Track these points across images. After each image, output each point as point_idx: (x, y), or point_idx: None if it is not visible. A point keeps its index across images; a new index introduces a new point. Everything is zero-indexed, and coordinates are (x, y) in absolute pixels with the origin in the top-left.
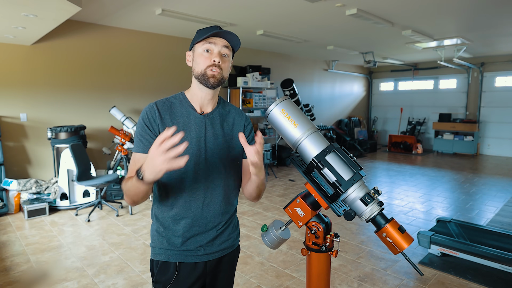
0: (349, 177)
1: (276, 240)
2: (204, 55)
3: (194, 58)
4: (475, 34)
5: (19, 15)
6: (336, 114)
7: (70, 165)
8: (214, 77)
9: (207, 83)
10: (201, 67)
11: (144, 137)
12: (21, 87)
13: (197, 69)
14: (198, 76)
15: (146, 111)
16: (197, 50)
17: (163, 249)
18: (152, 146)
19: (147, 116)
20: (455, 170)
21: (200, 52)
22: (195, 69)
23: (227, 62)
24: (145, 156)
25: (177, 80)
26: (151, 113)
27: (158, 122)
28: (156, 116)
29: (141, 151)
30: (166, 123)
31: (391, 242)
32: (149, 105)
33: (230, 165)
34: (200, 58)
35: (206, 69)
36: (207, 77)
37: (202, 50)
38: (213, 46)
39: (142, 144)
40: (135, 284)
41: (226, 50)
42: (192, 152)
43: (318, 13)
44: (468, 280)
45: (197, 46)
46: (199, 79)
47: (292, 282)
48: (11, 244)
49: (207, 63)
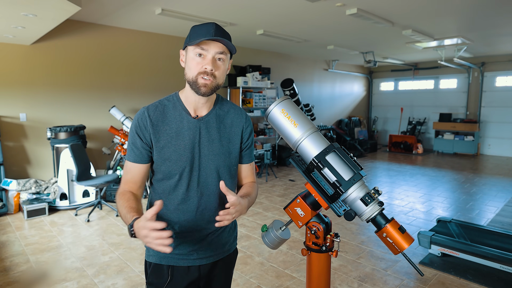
0: (349, 177)
1: (276, 240)
2: (196, 59)
3: (186, 60)
4: (476, 34)
5: (18, 15)
6: (336, 114)
7: (70, 165)
8: (206, 86)
9: (198, 91)
10: (193, 73)
11: (136, 146)
12: (20, 87)
13: (188, 74)
14: (189, 82)
15: (137, 118)
16: (189, 53)
17: (156, 251)
18: (143, 224)
19: (138, 124)
20: (456, 170)
21: (192, 56)
22: (187, 74)
23: (221, 68)
24: (136, 166)
25: (177, 80)
26: (142, 121)
27: (149, 130)
28: (147, 124)
29: (132, 161)
30: (158, 130)
31: (392, 242)
32: (141, 112)
33: (226, 170)
34: (191, 63)
35: (197, 76)
36: (198, 86)
37: (194, 54)
38: (205, 52)
39: (134, 153)
40: (135, 284)
41: (221, 55)
42: (186, 159)
43: (318, 13)
44: (468, 280)
45: (189, 48)
46: (191, 85)
47: (292, 282)
48: (10, 244)
49: (198, 69)
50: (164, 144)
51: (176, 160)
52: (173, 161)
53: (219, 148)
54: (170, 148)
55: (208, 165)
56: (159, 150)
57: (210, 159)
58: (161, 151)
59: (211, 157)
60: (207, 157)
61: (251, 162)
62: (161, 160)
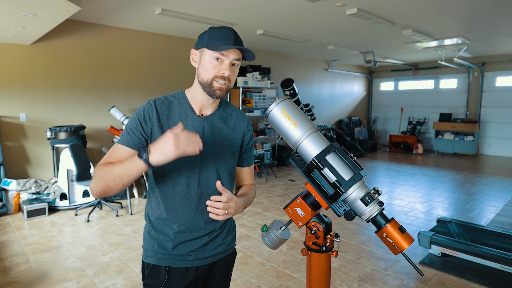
0: (349, 177)
1: (276, 240)
2: (213, 63)
3: (201, 61)
4: (476, 33)
5: (18, 15)
6: (336, 114)
7: (70, 165)
8: (221, 90)
9: (212, 94)
10: (209, 76)
11: (134, 132)
12: (20, 86)
13: (203, 75)
14: (203, 84)
15: (144, 108)
16: (206, 55)
17: (154, 252)
18: (173, 130)
19: (144, 113)
20: (456, 170)
21: (209, 59)
22: (200, 75)
23: (235, 72)
24: (128, 150)
25: (177, 80)
26: (149, 112)
27: (154, 121)
28: (153, 115)
29: (126, 144)
30: (162, 124)
31: (392, 242)
32: (148, 103)
33: (226, 171)
34: (208, 65)
35: (213, 79)
36: (214, 89)
37: (212, 57)
38: (224, 57)
39: (130, 137)
40: (135, 284)
41: (237, 62)
42: (187, 157)
43: (318, 13)
44: (468, 280)
45: (207, 51)
46: (204, 87)
47: (292, 283)
48: (10, 244)
49: (215, 73)
50: None
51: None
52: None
53: (221, 148)
54: None
55: (209, 164)
56: None
57: (211, 158)
58: None
59: (213, 157)
60: (209, 157)
61: (250, 166)
62: None
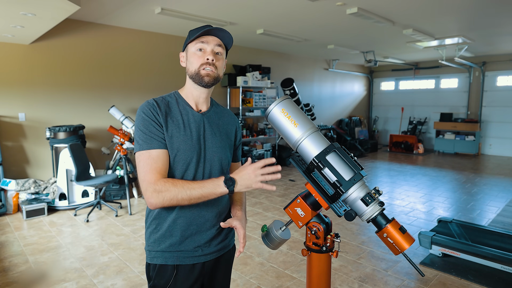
0: (349, 177)
1: (276, 241)
2: (197, 54)
3: (187, 58)
4: (477, 33)
5: (17, 14)
6: (337, 114)
7: (69, 165)
8: (209, 76)
9: (201, 82)
10: (195, 66)
11: (155, 133)
12: (19, 86)
13: (191, 68)
14: (192, 76)
15: (148, 107)
16: (190, 49)
17: (160, 251)
18: (254, 166)
19: (151, 112)
20: (457, 170)
21: (193, 52)
22: (189, 69)
23: (221, 61)
24: (164, 152)
25: (177, 80)
26: (154, 109)
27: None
28: (158, 112)
29: (157, 147)
30: (166, 120)
31: (392, 243)
32: (149, 103)
33: (226, 163)
34: (193, 57)
35: (199, 67)
36: (201, 76)
37: (195, 49)
38: (205, 45)
39: (156, 140)
40: (134, 284)
41: (219, 49)
42: (194, 150)
43: (318, 12)
44: (469, 280)
45: (190, 46)
46: (194, 78)
47: (293, 283)
48: (9, 244)
49: (200, 62)
50: (172, 133)
51: (185, 150)
52: (182, 151)
53: (220, 142)
54: (179, 138)
55: (213, 157)
56: (168, 139)
57: (214, 151)
58: (170, 141)
59: (215, 149)
60: (211, 149)
61: (239, 161)
62: (170, 150)
